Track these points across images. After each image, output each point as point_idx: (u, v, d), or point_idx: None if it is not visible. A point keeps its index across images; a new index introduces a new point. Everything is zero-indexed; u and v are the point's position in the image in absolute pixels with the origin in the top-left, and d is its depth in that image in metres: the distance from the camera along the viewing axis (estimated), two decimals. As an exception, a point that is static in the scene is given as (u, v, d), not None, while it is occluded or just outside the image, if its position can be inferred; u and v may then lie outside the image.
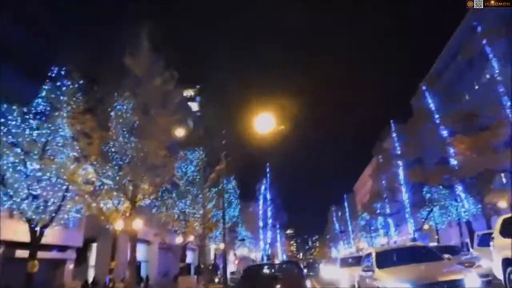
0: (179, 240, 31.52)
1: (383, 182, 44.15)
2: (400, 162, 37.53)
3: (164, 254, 38.34)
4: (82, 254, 26.39)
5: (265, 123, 11.75)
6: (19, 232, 18.71)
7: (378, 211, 45.57)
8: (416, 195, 36.68)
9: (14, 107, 14.93)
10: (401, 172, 37.48)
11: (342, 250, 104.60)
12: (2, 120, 14.59)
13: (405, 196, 37.87)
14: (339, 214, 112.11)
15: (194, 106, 56.93)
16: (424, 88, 33.82)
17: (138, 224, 24.17)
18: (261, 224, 41.21)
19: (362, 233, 65.92)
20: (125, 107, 22.79)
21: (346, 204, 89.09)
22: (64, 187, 14.85)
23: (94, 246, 29.98)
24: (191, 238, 31.12)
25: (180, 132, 17.09)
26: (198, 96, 65.03)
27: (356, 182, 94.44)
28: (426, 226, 36.74)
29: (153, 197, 23.06)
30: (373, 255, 9.46)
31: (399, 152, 38.04)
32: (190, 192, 31.51)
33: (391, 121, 40.88)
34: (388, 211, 44.42)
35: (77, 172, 14.52)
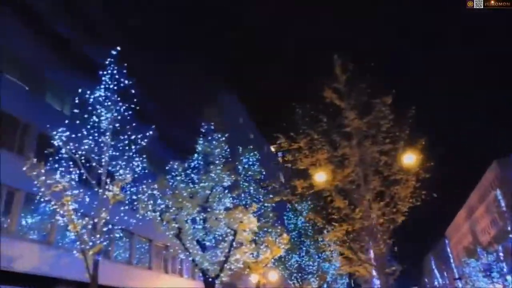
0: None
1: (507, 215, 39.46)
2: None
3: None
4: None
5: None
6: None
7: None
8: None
9: (177, 164, 16.03)
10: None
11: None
12: (169, 176, 15.68)
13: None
14: (433, 262, 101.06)
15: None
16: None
17: (273, 276, 23.76)
18: (374, 273, 38.35)
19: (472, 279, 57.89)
20: (250, 160, 23.84)
21: (448, 249, 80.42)
22: (231, 237, 14.99)
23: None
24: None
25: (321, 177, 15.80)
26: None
27: (447, 227, 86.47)
28: None
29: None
30: None
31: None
32: (303, 244, 30.79)
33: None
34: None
35: (244, 221, 14.64)
